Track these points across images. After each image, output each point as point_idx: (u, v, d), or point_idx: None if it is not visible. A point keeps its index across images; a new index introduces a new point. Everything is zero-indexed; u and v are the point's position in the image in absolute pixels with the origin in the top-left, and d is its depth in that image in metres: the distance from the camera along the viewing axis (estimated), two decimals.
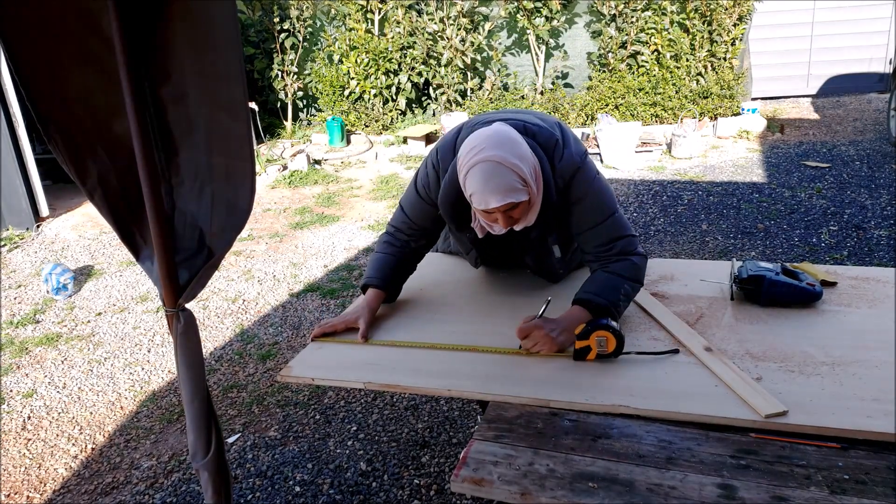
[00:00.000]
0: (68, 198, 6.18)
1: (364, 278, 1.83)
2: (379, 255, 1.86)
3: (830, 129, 6.97)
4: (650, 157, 6.36)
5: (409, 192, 1.85)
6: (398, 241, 1.86)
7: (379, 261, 1.84)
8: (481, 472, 1.15)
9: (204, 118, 1.05)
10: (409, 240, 1.86)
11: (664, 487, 1.07)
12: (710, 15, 7.14)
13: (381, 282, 1.80)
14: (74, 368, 3.25)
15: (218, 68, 1.01)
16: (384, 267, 1.82)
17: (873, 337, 1.47)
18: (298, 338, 3.39)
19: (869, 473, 1.07)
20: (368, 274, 1.82)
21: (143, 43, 0.98)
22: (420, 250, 1.90)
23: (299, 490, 2.30)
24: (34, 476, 2.49)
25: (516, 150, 1.50)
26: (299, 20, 8.13)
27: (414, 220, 1.82)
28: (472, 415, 2.65)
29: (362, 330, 1.68)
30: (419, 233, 1.85)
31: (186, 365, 1.17)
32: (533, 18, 7.59)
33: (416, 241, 1.87)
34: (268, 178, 6.67)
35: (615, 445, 1.19)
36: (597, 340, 1.44)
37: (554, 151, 1.60)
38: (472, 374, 1.45)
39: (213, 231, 1.12)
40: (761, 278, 1.64)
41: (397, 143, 7.68)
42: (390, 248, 1.85)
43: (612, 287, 1.59)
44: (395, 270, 1.84)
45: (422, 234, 1.86)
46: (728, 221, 4.62)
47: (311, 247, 4.77)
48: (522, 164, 1.48)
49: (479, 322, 1.72)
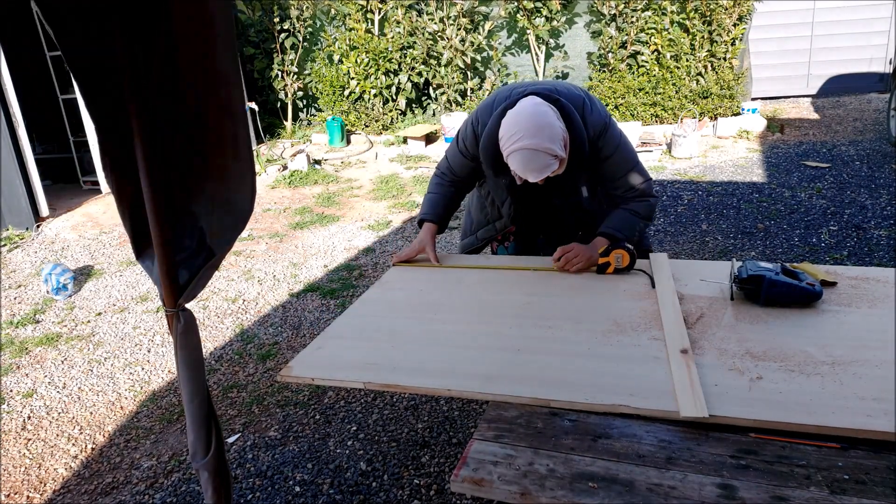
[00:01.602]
0: (68, 198, 6.18)
1: (420, 214, 2.21)
2: (431, 195, 2.22)
3: (830, 129, 6.97)
4: (650, 157, 6.36)
5: (452, 148, 2.18)
6: (445, 182, 2.22)
7: (431, 200, 2.22)
8: (481, 472, 1.15)
9: (203, 119, 1.05)
10: (454, 180, 2.21)
11: (664, 487, 1.07)
12: (710, 15, 7.13)
13: (435, 217, 2.19)
14: (74, 368, 3.25)
15: (217, 69, 1.01)
16: (436, 205, 2.20)
17: (873, 337, 1.47)
18: (298, 338, 3.39)
19: (869, 473, 1.07)
20: (424, 211, 2.20)
21: (143, 43, 0.98)
22: (463, 191, 2.26)
23: (299, 490, 2.30)
24: (34, 476, 2.49)
25: (549, 132, 1.77)
26: (299, 20, 8.13)
27: (456, 170, 2.18)
28: (472, 415, 2.65)
29: (432, 255, 2.14)
30: (460, 179, 2.21)
31: (186, 365, 1.17)
32: (533, 18, 7.59)
33: (458, 184, 2.23)
34: (268, 178, 6.67)
35: (615, 445, 1.19)
36: (615, 257, 1.89)
37: (583, 109, 1.91)
38: (472, 374, 1.45)
39: (214, 231, 1.12)
40: (761, 278, 1.64)
41: (397, 143, 7.67)
42: (440, 189, 2.22)
43: (630, 225, 2.00)
44: (445, 208, 2.21)
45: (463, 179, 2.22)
46: (728, 221, 4.62)
47: (311, 247, 4.77)
48: (554, 145, 1.76)
49: (480, 322, 1.72)
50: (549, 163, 1.77)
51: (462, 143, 2.10)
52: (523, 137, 1.75)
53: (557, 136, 1.78)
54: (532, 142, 1.74)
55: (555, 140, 1.76)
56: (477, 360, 1.52)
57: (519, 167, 1.79)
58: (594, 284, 1.89)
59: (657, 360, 1.44)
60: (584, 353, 1.50)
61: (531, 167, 1.77)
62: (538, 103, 1.82)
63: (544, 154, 1.75)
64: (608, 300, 1.78)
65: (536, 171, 1.78)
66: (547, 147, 1.75)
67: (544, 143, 1.75)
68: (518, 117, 1.80)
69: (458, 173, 2.18)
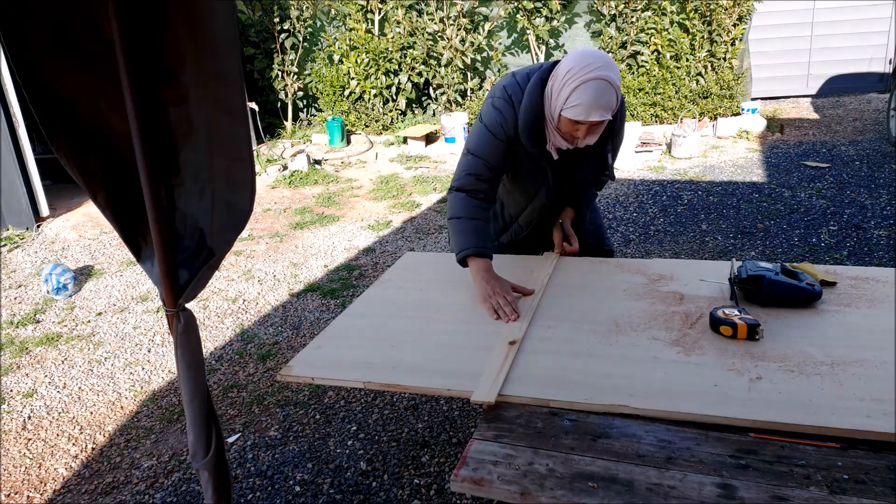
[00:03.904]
0: (68, 198, 6.18)
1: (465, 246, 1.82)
2: (474, 221, 1.86)
3: (830, 129, 6.97)
4: (650, 157, 6.36)
5: (477, 139, 1.88)
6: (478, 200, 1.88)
7: (475, 228, 1.85)
8: (481, 471, 1.15)
9: (204, 119, 1.05)
10: (487, 189, 1.89)
11: (664, 487, 1.07)
12: (710, 15, 7.14)
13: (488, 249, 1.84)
14: (75, 368, 3.26)
15: (218, 69, 1.01)
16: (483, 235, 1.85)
17: (873, 337, 1.47)
18: (298, 338, 3.39)
19: (869, 473, 1.07)
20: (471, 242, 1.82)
21: (143, 44, 0.98)
22: (492, 203, 1.97)
23: (299, 490, 2.30)
24: (34, 476, 2.49)
25: (618, 74, 1.68)
26: (299, 20, 8.13)
27: (492, 161, 1.87)
28: (472, 415, 2.65)
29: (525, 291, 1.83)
30: (496, 178, 1.91)
31: (186, 365, 1.17)
32: (533, 18, 7.59)
33: (491, 193, 1.92)
34: (268, 178, 6.68)
35: (615, 445, 1.19)
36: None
37: None
38: (472, 374, 1.45)
39: (214, 231, 1.12)
40: (761, 278, 1.64)
41: (397, 143, 7.67)
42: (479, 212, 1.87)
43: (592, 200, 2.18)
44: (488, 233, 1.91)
45: (497, 179, 1.92)
46: (728, 221, 4.62)
47: (311, 247, 4.77)
48: (619, 90, 1.68)
49: (479, 322, 1.72)
50: (614, 104, 1.66)
51: (495, 126, 1.84)
52: (600, 68, 1.62)
53: (619, 88, 1.68)
54: (610, 74, 1.62)
55: (619, 87, 1.67)
56: (477, 360, 1.52)
57: (590, 98, 1.62)
58: (594, 284, 1.89)
59: (657, 361, 1.44)
60: (584, 353, 1.50)
61: (602, 101, 1.63)
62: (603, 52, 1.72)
63: (615, 92, 1.64)
64: (608, 300, 1.78)
65: (603, 109, 1.64)
66: (617, 86, 1.65)
67: (617, 80, 1.65)
68: (585, 53, 1.67)
69: (493, 164, 1.87)
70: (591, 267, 2.02)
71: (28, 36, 0.96)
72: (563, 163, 1.93)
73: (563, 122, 1.73)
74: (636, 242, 4.39)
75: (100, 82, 1.01)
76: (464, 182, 1.89)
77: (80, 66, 1.00)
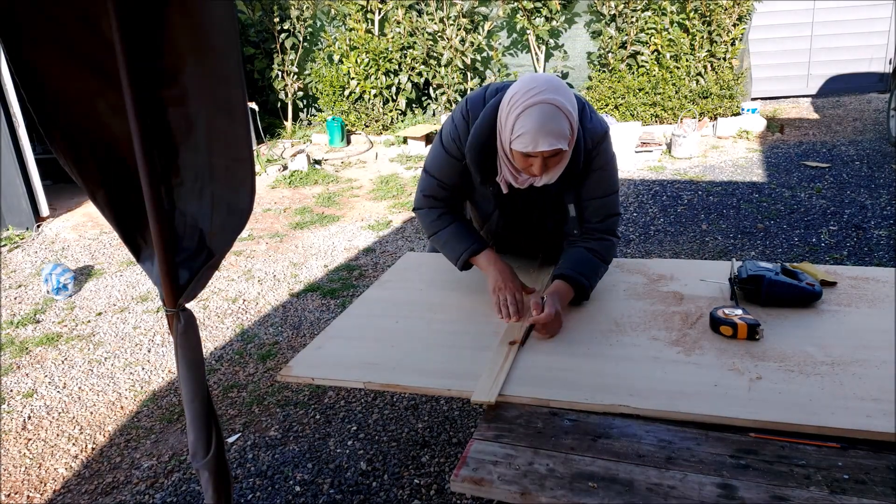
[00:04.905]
0: (68, 198, 6.18)
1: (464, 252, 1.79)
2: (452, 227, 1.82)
3: (830, 129, 6.97)
4: (650, 157, 6.36)
5: (433, 155, 1.82)
6: (440, 209, 1.84)
7: (458, 231, 1.82)
8: (481, 471, 1.15)
9: (204, 119, 1.05)
10: (448, 205, 1.85)
11: (664, 487, 1.08)
12: (710, 15, 7.14)
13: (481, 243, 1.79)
14: (75, 368, 3.26)
15: (218, 69, 1.01)
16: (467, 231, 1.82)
17: (873, 337, 1.47)
18: (298, 338, 3.39)
19: (869, 473, 1.07)
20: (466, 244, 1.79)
21: (143, 44, 0.98)
22: (458, 208, 1.90)
23: (299, 490, 2.30)
24: (34, 476, 2.49)
25: (570, 98, 1.53)
26: (299, 20, 8.13)
27: (446, 180, 1.80)
28: (472, 415, 2.65)
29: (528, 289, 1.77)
30: (452, 194, 1.84)
31: (186, 365, 1.17)
32: (533, 18, 7.59)
33: (454, 203, 1.86)
34: (268, 178, 6.68)
35: (615, 445, 1.19)
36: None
37: (582, 113, 1.64)
38: (472, 374, 1.45)
39: (214, 231, 1.12)
40: (761, 278, 1.65)
41: (397, 143, 7.68)
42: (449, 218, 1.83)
43: (593, 269, 1.74)
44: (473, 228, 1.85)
45: (455, 195, 1.85)
46: (728, 221, 4.62)
47: (311, 247, 4.77)
48: (572, 116, 1.51)
49: (479, 322, 1.72)
50: (565, 130, 1.49)
51: (448, 140, 1.75)
52: (545, 91, 1.48)
53: (574, 110, 1.52)
54: (556, 98, 1.48)
55: (573, 112, 1.51)
56: (477, 360, 1.52)
57: (535, 124, 1.47)
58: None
59: (657, 361, 1.44)
60: (584, 353, 1.50)
61: (549, 127, 1.46)
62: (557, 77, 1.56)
63: (564, 117, 1.48)
64: (608, 300, 1.78)
65: (552, 136, 1.47)
66: (569, 111, 1.49)
67: (566, 105, 1.49)
68: (536, 78, 1.53)
69: (447, 182, 1.80)
70: None
71: (26, 35, 0.96)
72: (515, 199, 1.78)
73: (517, 157, 1.57)
74: (636, 242, 4.39)
75: (98, 82, 1.01)
76: (421, 203, 1.88)
77: (79, 66, 1.00)
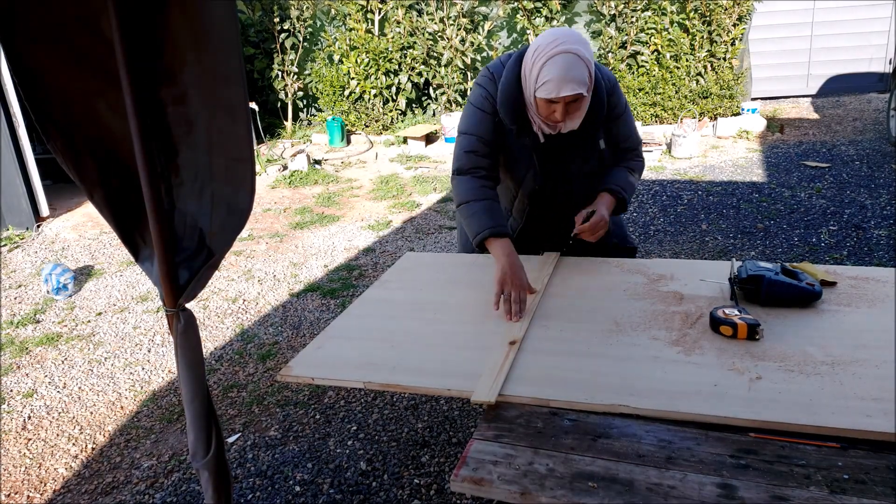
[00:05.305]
0: (68, 198, 6.18)
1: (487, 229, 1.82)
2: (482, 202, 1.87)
3: (830, 129, 6.97)
4: (650, 157, 6.36)
5: (466, 117, 1.93)
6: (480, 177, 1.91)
7: (485, 208, 1.86)
8: (481, 471, 1.15)
9: (204, 119, 1.05)
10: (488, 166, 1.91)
11: (664, 487, 1.07)
12: (710, 15, 7.14)
13: (504, 228, 1.85)
14: (74, 368, 3.26)
15: (218, 69, 1.01)
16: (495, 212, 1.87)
17: (873, 337, 1.47)
18: (298, 337, 3.39)
19: (869, 473, 1.07)
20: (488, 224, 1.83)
21: (143, 43, 0.98)
22: (496, 182, 1.97)
23: (299, 490, 2.30)
24: (34, 476, 2.49)
25: (589, 49, 1.70)
26: (299, 20, 8.13)
27: (485, 135, 1.89)
28: (472, 415, 2.65)
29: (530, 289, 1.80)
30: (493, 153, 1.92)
31: (186, 365, 1.17)
32: (533, 18, 7.59)
33: (493, 171, 1.94)
34: (268, 178, 6.68)
35: (615, 445, 1.19)
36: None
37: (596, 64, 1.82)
38: (472, 374, 1.45)
39: (213, 231, 1.12)
40: (761, 278, 1.64)
41: (397, 143, 7.68)
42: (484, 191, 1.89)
43: (630, 183, 2.02)
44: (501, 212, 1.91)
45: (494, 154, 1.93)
46: (728, 221, 4.62)
47: (311, 247, 4.77)
48: (591, 64, 1.69)
49: (479, 322, 1.72)
50: (585, 77, 1.67)
51: (480, 101, 1.90)
52: (566, 42, 1.66)
53: (591, 63, 1.70)
54: (577, 47, 1.66)
55: (591, 61, 1.69)
56: (477, 360, 1.52)
57: (559, 72, 1.64)
58: (594, 284, 1.89)
59: (657, 360, 1.44)
60: (584, 352, 1.50)
61: (571, 74, 1.64)
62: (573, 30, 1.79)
63: (585, 65, 1.66)
64: (608, 300, 1.78)
65: (574, 83, 1.65)
66: (588, 59, 1.67)
67: (586, 54, 1.67)
68: (557, 31, 1.71)
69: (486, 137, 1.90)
70: (591, 267, 2.02)
71: (25, 34, 0.96)
72: (551, 148, 1.93)
73: (541, 105, 1.75)
74: (636, 242, 4.39)
75: (97, 81, 1.01)
76: (463, 162, 1.92)
77: (78, 65, 1.00)
